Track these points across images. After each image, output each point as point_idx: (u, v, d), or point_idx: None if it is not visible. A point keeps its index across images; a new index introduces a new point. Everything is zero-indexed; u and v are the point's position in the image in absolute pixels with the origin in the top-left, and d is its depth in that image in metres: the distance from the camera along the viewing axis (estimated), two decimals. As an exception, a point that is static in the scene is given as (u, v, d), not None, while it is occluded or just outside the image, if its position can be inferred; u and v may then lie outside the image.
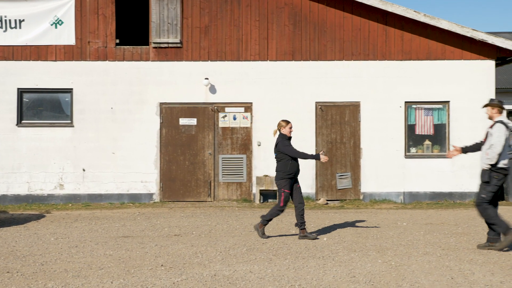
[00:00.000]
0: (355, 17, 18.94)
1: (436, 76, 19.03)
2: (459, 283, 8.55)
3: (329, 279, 8.82)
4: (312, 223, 14.27)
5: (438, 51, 19.03)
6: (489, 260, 10.03)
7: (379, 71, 19.04)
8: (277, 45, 19.02)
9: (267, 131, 19.02)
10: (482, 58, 19.02)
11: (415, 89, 19.04)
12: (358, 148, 18.98)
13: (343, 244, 11.58)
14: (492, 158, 10.79)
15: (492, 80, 19.03)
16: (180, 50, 19.11)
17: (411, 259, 10.14)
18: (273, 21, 19.02)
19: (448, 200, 18.90)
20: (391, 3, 18.53)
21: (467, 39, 18.88)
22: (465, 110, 18.99)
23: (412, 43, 19.00)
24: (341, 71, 19.02)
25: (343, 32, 18.97)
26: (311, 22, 18.99)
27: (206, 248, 11.16)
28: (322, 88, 19.06)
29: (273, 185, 18.52)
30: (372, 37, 18.99)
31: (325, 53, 19.00)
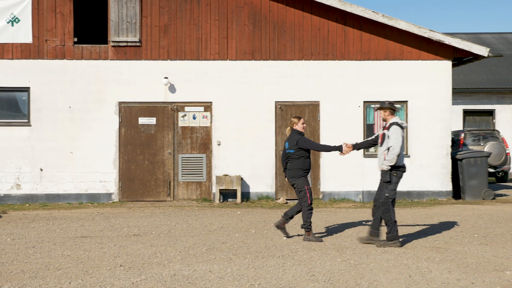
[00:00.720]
0: (315, 17, 19.03)
1: (394, 76, 19.21)
2: (416, 281, 8.64)
3: (289, 278, 8.84)
4: (272, 223, 14.30)
5: (396, 51, 19.21)
6: (446, 258, 10.16)
7: (338, 71, 19.16)
8: (237, 45, 19.01)
9: (227, 130, 19.03)
10: (439, 59, 19.26)
11: (374, 89, 19.20)
12: (318, 148, 19.04)
13: (303, 243, 11.62)
14: (392, 159, 11.12)
15: (449, 80, 19.28)
16: (140, 49, 18.99)
17: (369, 257, 10.22)
18: (232, 20, 19.01)
19: (406, 199, 19.10)
20: (350, 4, 18.65)
21: (425, 39, 19.10)
22: (423, 110, 19.21)
23: (371, 43, 19.15)
24: (301, 71, 19.10)
25: (302, 32, 19.04)
26: (270, 22, 19.03)
27: (166, 248, 11.11)
28: (282, 88, 19.11)
29: (233, 184, 18.52)
30: (331, 37, 19.10)
31: (284, 53, 19.06)
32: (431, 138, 19.22)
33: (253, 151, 19.03)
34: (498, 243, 11.47)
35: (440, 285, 8.42)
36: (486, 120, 31.16)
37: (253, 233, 12.86)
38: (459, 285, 8.38)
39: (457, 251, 10.72)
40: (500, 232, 12.78)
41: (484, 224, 13.92)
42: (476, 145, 25.76)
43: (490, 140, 26.21)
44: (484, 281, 8.61)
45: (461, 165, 19.28)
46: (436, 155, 19.14)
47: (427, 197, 19.11)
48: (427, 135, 19.21)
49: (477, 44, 19.37)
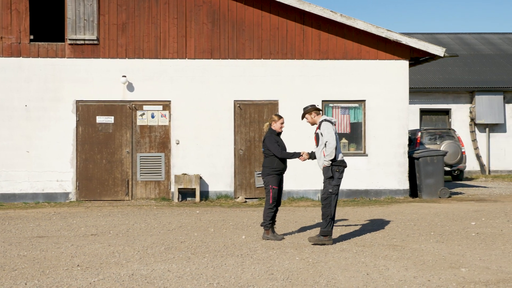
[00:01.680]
0: (273, 16, 19.08)
1: (352, 76, 19.35)
2: (374, 278, 8.72)
3: (247, 276, 8.85)
4: (231, 222, 14.30)
5: (354, 50, 19.35)
6: (403, 256, 10.26)
7: (297, 70, 19.23)
8: (195, 43, 18.96)
9: (186, 129, 18.98)
10: (396, 58, 19.45)
11: (332, 88, 19.31)
12: (276, 147, 19.09)
13: (261, 242, 11.64)
14: (331, 153, 11.21)
15: (406, 80, 19.48)
16: (97, 47, 18.83)
17: (328, 256, 10.28)
18: (191, 19, 18.96)
19: (364, 197, 19.26)
20: (308, 3, 18.73)
21: (382, 39, 19.27)
22: (380, 109, 19.38)
23: (329, 42, 19.26)
24: (260, 70, 19.12)
25: (261, 31, 19.07)
26: (229, 21, 19.02)
27: (124, 248, 11.03)
28: (241, 87, 19.11)
29: (191, 184, 18.47)
30: (290, 36, 19.16)
31: (243, 52, 19.06)
32: (388, 137, 19.40)
33: (212, 150, 19.01)
34: (453, 241, 11.63)
35: (397, 282, 8.50)
36: (442, 119, 31.56)
37: (212, 232, 12.85)
38: (416, 282, 8.48)
39: (414, 249, 10.84)
40: (455, 230, 12.95)
41: (440, 222, 14.10)
42: (432, 144, 26.08)
43: (446, 139, 26.57)
44: (440, 278, 8.72)
45: (418, 163, 19.50)
46: (393, 154, 19.33)
47: (385, 195, 19.29)
48: (384, 134, 19.38)
49: (434, 44, 19.61)
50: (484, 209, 16.50)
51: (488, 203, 18.10)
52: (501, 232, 12.52)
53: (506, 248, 10.89)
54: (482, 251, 10.62)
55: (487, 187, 23.71)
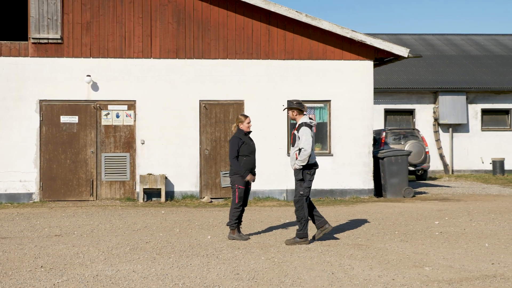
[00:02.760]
0: (239, 16, 19.07)
1: (318, 76, 19.43)
2: (339, 278, 8.77)
3: (213, 276, 8.84)
4: (197, 222, 14.27)
5: (320, 51, 19.43)
6: (368, 255, 10.33)
7: (262, 70, 19.25)
8: (161, 43, 18.88)
9: (151, 129, 18.89)
10: (361, 59, 19.57)
11: (298, 88, 19.36)
12: (242, 146, 19.09)
13: (227, 242, 11.64)
14: (304, 160, 11.28)
15: (371, 80, 19.62)
16: (61, 46, 18.65)
17: (293, 255, 10.31)
18: (156, 18, 18.87)
19: (329, 197, 19.35)
20: (274, 3, 18.76)
21: (347, 39, 19.38)
22: (345, 109, 19.49)
23: (295, 42, 19.31)
24: (225, 70, 19.11)
25: (227, 30, 19.05)
26: (195, 20, 18.97)
27: (88, 248, 10.94)
28: (207, 87, 19.08)
29: (157, 184, 18.39)
30: (255, 36, 19.17)
31: (209, 52, 19.03)
32: (353, 137, 19.52)
33: (178, 150, 18.95)
34: (417, 240, 11.74)
35: (362, 281, 8.56)
36: (407, 119, 31.85)
37: (177, 232, 12.81)
38: (380, 282, 8.54)
39: (378, 248, 10.92)
40: (419, 229, 13.08)
41: (405, 221, 14.22)
42: (397, 144, 26.30)
43: (411, 139, 26.81)
44: (404, 277, 8.79)
45: (383, 163, 19.65)
46: (358, 154, 19.45)
47: (350, 195, 19.40)
48: (349, 134, 19.49)
49: (398, 45, 19.76)
50: (447, 208, 16.69)
51: (451, 202, 18.30)
52: (464, 231, 12.68)
53: (468, 247, 11.03)
54: (446, 250, 10.74)
55: (450, 187, 23.98)
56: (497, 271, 9.10)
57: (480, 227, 13.21)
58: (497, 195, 20.46)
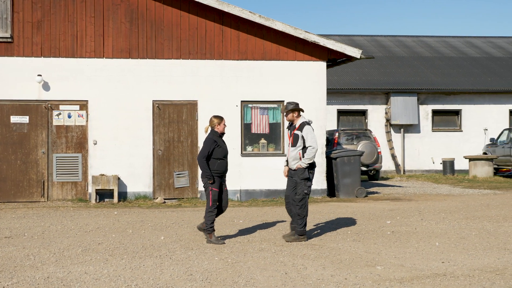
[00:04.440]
0: (192, 16, 19.02)
1: (271, 76, 19.48)
2: (292, 277, 8.80)
3: (166, 277, 8.80)
4: (150, 222, 14.19)
5: (273, 51, 19.49)
6: (321, 254, 10.40)
7: (216, 70, 19.23)
8: (113, 42, 18.72)
9: (104, 129, 18.72)
10: (314, 60, 19.68)
11: (251, 88, 19.40)
12: (196, 147, 19.08)
13: (180, 242, 11.59)
14: (312, 158, 11.55)
15: (324, 81, 19.74)
16: (11, 45, 18.36)
17: (247, 255, 10.32)
18: (109, 18, 18.71)
19: (282, 197, 19.39)
20: (227, 3, 18.76)
21: (300, 40, 19.47)
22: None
23: (248, 43, 19.34)
24: (179, 70, 19.04)
25: (180, 30, 18.98)
26: (148, 20, 18.86)
27: (39, 250, 10.80)
28: (160, 87, 18.98)
29: (109, 184, 18.23)
30: (209, 37, 19.14)
31: (162, 52, 18.94)
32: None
33: (131, 151, 18.81)
34: (370, 239, 11.86)
35: (315, 281, 8.61)
36: (359, 120, 32.15)
37: (130, 233, 12.71)
38: (333, 281, 8.60)
39: (331, 248, 11.00)
40: (372, 228, 13.20)
41: (357, 221, 14.35)
42: (349, 144, 26.53)
43: (363, 139, 27.06)
44: (357, 276, 8.87)
45: (336, 163, 19.79)
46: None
47: (303, 195, 19.47)
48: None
49: (351, 46, 19.93)
50: (399, 208, 16.88)
51: (403, 202, 18.52)
52: (415, 230, 12.84)
53: (419, 246, 11.17)
54: (397, 249, 10.86)
55: (402, 187, 24.28)
56: (447, 270, 9.24)
57: (431, 226, 13.40)
58: (447, 195, 20.78)
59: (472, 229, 12.87)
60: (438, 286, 8.34)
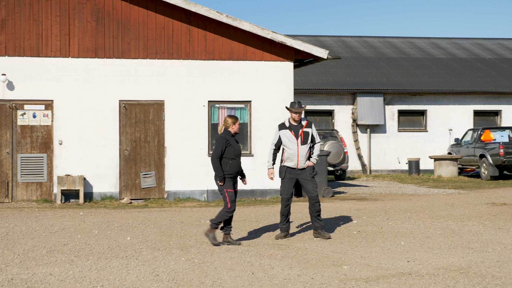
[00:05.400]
0: (159, 16, 18.94)
1: (238, 76, 19.48)
2: (259, 277, 8.81)
3: (132, 278, 8.76)
4: (116, 223, 14.10)
5: (240, 51, 19.49)
6: (287, 254, 10.42)
7: (183, 70, 19.17)
8: (79, 42, 18.57)
9: (70, 129, 18.56)
10: (281, 60, 19.72)
11: (219, 88, 19.38)
12: (163, 147, 19.01)
13: (147, 243, 11.54)
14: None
15: (291, 81, 19.80)
16: (-25, 44, 18.12)
17: (214, 256, 10.31)
18: (75, 17, 18.55)
19: (249, 197, 19.42)
20: (195, 3, 18.71)
21: (268, 41, 19.50)
22: (266, 110, 19.60)
23: (215, 43, 19.31)
24: (146, 70, 18.95)
25: (147, 30, 18.89)
26: (114, 19, 18.74)
27: (3, 251, 10.67)
28: (126, 86, 18.88)
29: (75, 185, 18.09)
30: (176, 36, 19.08)
31: (129, 51, 18.83)
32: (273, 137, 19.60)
33: (97, 151, 18.67)
34: (336, 239, 11.91)
35: (281, 281, 8.63)
36: (326, 120, 32.29)
37: (96, 234, 12.62)
38: (300, 281, 8.63)
39: (298, 248, 11.03)
40: (338, 228, 13.26)
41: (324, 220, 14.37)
42: (316, 144, 26.58)
43: (330, 139, 27.19)
44: (323, 276, 8.91)
45: (302, 163, 19.82)
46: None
47: (270, 195, 19.53)
48: (270, 134, 19.55)
49: (317, 47, 20.00)
50: (365, 207, 16.99)
51: (369, 202, 18.65)
52: (381, 230, 12.93)
53: (385, 245, 11.26)
54: (363, 249, 10.94)
55: (368, 186, 24.44)
56: (412, 269, 9.32)
57: (397, 225, 13.51)
58: (413, 194, 20.97)
59: (437, 229, 13.00)
60: (404, 285, 8.41)
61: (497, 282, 8.51)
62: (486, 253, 10.42)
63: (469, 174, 29.85)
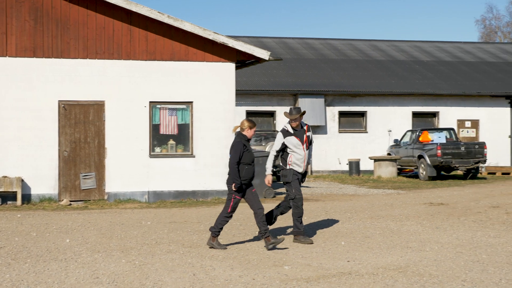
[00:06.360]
0: (99, 15, 18.72)
1: (180, 77, 19.39)
2: (200, 279, 8.80)
3: (72, 281, 8.64)
4: (55, 225, 13.89)
5: (182, 52, 19.40)
6: (229, 255, 10.43)
7: (124, 71, 18.99)
8: (17, 41, 18.22)
9: (7, 130, 18.21)
10: (223, 61, 19.71)
11: (160, 89, 19.26)
12: (103, 148, 18.80)
13: (87, 245, 11.40)
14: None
15: (233, 82, 19.81)
16: None
17: (155, 257, 10.24)
18: (12, 15, 18.18)
19: (191, 198, 19.36)
20: (136, 3, 18.56)
21: (209, 41, 19.46)
22: (207, 111, 19.56)
23: (157, 43, 19.19)
24: (86, 70, 18.70)
25: (87, 30, 18.65)
26: (53, 19, 18.44)
27: None
28: (66, 87, 18.60)
29: (12, 186, 17.74)
30: (116, 36, 18.89)
31: (68, 51, 18.56)
32: (215, 138, 19.62)
33: (36, 152, 18.35)
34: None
35: (223, 282, 8.63)
36: (268, 121, 32.42)
37: (34, 236, 12.41)
38: (241, 281, 8.64)
39: (240, 248, 11.05)
40: (279, 228, 13.32)
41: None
42: (258, 145, 26.71)
43: (271, 140, 27.29)
44: (265, 276, 8.94)
45: (244, 164, 19.84)
46: (220, 155, 19.55)
47: (212, 196, 19.50)
48: (211, 135, 19.59)
49: (259, 48, 20.06)
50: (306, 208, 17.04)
51: (310, 202, 18.78)
52: (322, 230, 13.04)
53: (326, 245, 11.36)
54: (304, 249, 11.01)
55: (309, 187, 24.61)
56: (352, 268, 9.43)
57: (337, 226, 13.65)
58: (353, 195, 21.21)
59: (376, 228, 13.18)
60: (344, 284, 8.50)
61: (435, 280, 8.67)
62: (424, 252, 10.61)
63: (408, 175, 30.34)
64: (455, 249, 10.86)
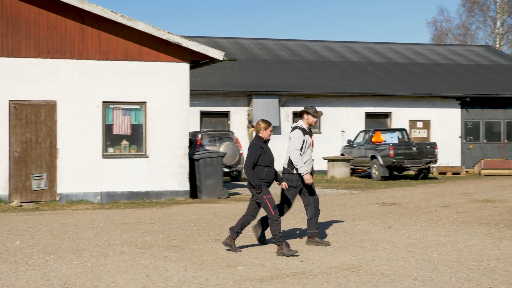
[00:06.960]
0: (51, 14, 18.48)
1: (133, 77, 19.26)
2: (154, 280, 8.75)
3: (22, 284, 8.52)
4: (5, 227, 13.67)
5: (136, 52, 19.27)
6: (182, 256, 10.39)
7: (76, 70, 18.78)
8: (-34, 39, 17.89)
9: (-45, 130, 17.86)
10: (177, 61, 19.64)
11: (113, 89, 19.10)
12: (55, 148, 18.56)
13: (38, 247, 11.25)
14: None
15: (187, 82, 19.74)
16: None
17: (107, 259, 10.16)
18: (-38, 13, 17.85)
19: (145, 199, 19.24)
20: (88, 2, 18.38)
21: (163, 41, 19.37)
22: (161, 111, 19.46)
23: (110, 43, 19.02)
24: (37, 69, 18.44)
25: (38, 28, 18.40)
26: (3, 17, 18.14)
27: None
28: (17, 86, 18.32)
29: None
30: (69, 35, 18.66)
31: (19, 50, 18.28)
32: (169, 138, 19.54)
33: (-15, 152, 18.03)
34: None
35: (176, 283, 8.60)
36: (222, 122, 32.39)
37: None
38: (195, 282, 8.62)
39: (193, 249, 11.02)
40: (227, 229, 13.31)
41: (219, 222, 14.45)
42: (212, 146, 26.66)
43: (226, 140, 27.27)
44: (218, 276, 8.93)
45: (198, 165, 19.84)
46: (174, 156, 19.48)
47: (165, 197, 19.41)
48: (165, 135, 19.49)
49: (213, 48, 20.05)
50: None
51: (264, 202, 18.80)
52: (276, 230, 13.06)
53: (280, 245, 11.38)
54: (258, 249, 11.03)
55: (264, 187, 24.60)
56: (306, 268, 9.48)
57: (291, 226, 13.70)
58: (307, 195, 21.27)
59: (329, 228, 13.27)
60: (297, 284, 8.54)
61: (387, 279, 8.77)
62: (377, 252, 10.72)
63: (361, 175, 30.62)
64: (406, 248, 10.99)
